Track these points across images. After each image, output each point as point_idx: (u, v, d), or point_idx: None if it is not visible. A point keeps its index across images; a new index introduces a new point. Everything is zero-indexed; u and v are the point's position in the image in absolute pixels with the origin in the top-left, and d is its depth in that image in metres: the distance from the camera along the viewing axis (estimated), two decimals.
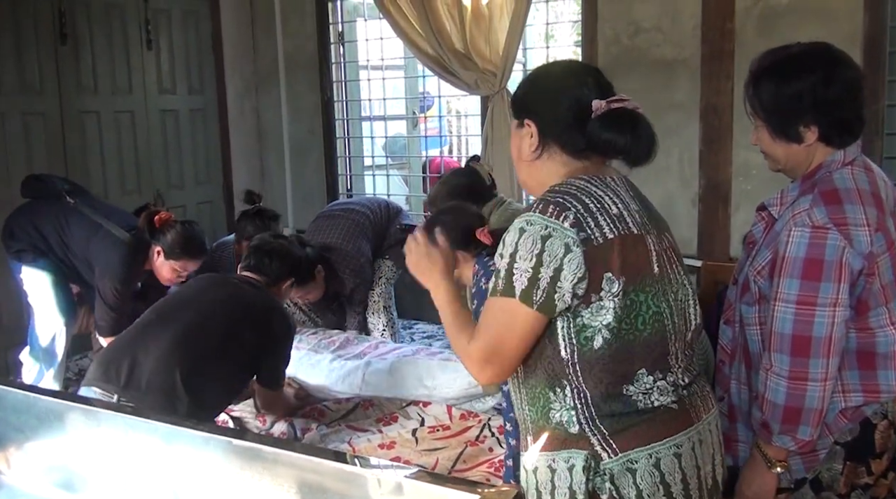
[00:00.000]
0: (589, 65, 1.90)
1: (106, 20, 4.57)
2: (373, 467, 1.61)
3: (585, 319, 1.51)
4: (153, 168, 4.82)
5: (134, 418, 1.91)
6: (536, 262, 1.48)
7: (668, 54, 3.90)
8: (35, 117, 4.25)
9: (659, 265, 1.56)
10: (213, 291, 2.87)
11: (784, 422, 1.72)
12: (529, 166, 1.67)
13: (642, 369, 1.54)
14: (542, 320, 1.52)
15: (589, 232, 1.49)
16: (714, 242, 3.88)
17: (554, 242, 1.48)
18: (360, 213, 4.10)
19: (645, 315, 1.52)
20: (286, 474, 1.62)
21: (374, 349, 3.64)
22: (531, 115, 1.64)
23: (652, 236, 1.58)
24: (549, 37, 5.22)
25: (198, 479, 1.75)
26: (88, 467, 1.95)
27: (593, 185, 1.57)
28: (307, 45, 5.16)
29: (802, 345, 1.69)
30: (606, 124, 1.58)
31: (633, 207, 1.59)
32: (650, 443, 1.54)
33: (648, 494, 1.53)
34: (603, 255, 1.49)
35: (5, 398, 2.20)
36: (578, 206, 1.51)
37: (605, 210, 1.53)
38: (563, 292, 1.48)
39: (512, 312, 1.52)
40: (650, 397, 1.55)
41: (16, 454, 2.08)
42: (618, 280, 1.49)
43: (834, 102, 1.73)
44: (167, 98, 4.94)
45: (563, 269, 1.47)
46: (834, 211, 1.68)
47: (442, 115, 6.14)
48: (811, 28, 3.45)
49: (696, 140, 3.87)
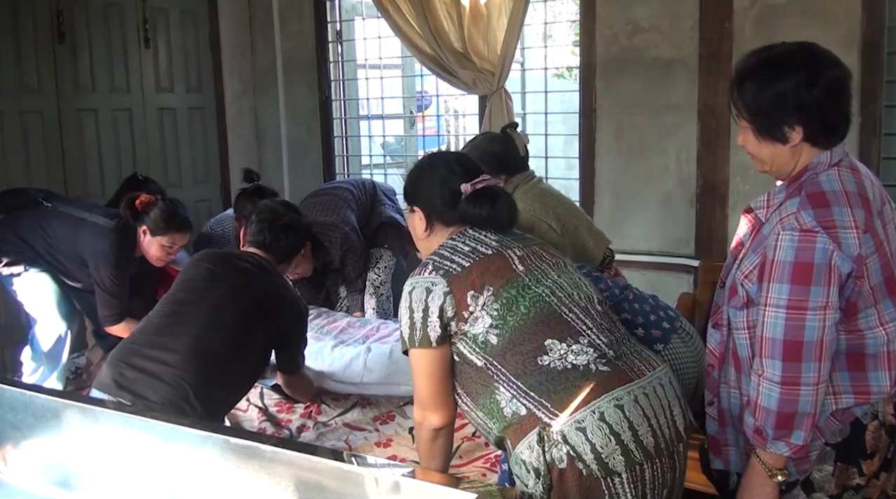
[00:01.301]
0: (456, 153, 2.41)
1: (104, 19, 4.57)
2: (370, 465, 1.61)
3: (470, 331, 1.84)
4: (151, 166, 4.82)
5: (131, 416, 1.91)
6: (409, 312, 1.88)
7: (666, 54, 3.91)
8: (33, 116, 4.25)
9: (524, 264, 1.92)
10: (221, 283, 2.69)
11: (778, 428, 1.72)
12: (424, 242, 2.09)
13: (549, 340, 1.81)
14: (430, 354, 1.87)
15: (447, 267, 1.88)
16: (711, 241, 3.88)
17: (416, 291, 1.88)
18: (343, 189, 4.13)
19: (524, 301, 1.85)
20: (284, 473, 1.62)
21: (377, 332, 3.59)
22: (418, 203, 2.08)
23: (512, 249, 1.95)
24: (548, 36, 5.22)
25: (195, 477, 1.75)
26: (86, 465, 1.95)
27: (452, 239, 1.98)
28: (305, 44, 5.16)
29: (794, 349, 1.68)
30: (472, 202, 1.99)
31: (490, 238, 1.97)
32: (591, 401, 1.73)
33: (601, 445, 1.69)
34: (463, 278, 1.86)
35: (3, 396, 2.20)
36: (435, 257, 1.92)
37: (459, 251, 1.92)
38: (433, 324, 1.85)
39: (413, 359, 1.91)
40: (566, 360, 1.79)
41: (13, 452, 2.08)
42: (481, 293, 1.84)
43: (818, 103, 1.72)
44: (165, 97, 4.94)
45: (428, 307, 1.85)
46: (822, 214, 1.68)
47: (440, 114, 6.13)
48: (809, 28, 3.46)
49: (693, 140, 3.87)
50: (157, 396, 2.45)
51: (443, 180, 2.05)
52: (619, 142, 4.10)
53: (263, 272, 2.79)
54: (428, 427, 1.94)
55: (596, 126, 4.15)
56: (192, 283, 2.73)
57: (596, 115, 4.15)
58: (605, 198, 4.19)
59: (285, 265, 2.95)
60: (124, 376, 2.50)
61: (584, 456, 1.69)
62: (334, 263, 3.91)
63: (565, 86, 6.25)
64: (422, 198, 2.08)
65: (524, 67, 5.04)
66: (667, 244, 4.02)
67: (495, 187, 2.04)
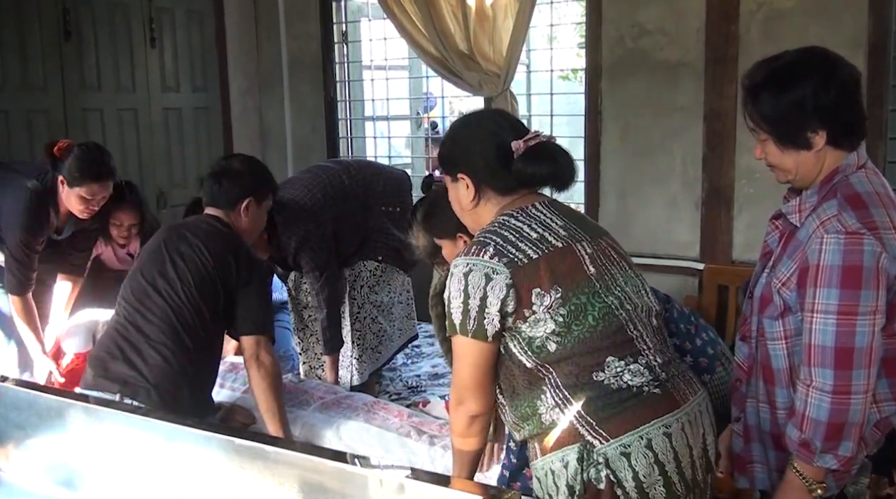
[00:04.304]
0: (498, 109, 2.04)
1: (110, 18, 4.57)
2: (375, 467, 1.60)
3: (528, 332, 1.67)
4: (156, 166, 4.82)
5: (135, 416, 1.91)
6: (463, 296, 1.67)
7: (671, 57, 3.90)
8: (38, 115, 4.25)
9: (595, 266, 1.72)
10: (176, 261, 2.64)
11: (827, 440, 1.65)
12: (471, 214, 1.84)
13: (610, 357, 1.67)
14: (482, 346, 1.69)
15: (512, 255, 1.66)
16: (716, 245, 3.87)
17: (474, 276, 1.66)
18: (334, 170, 3.60)
19: (593, 312, 1.67)
20: (287, 474, 1.62)
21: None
22: (462, 168, 1.80)
23: (582, 244, 1.73)
24: (553, 38, 5.22)
25: (199, 478, 1.75)
26: (89, 465, 1.95)
27: (514, 217, 1.74)
28: (311, 44, 5.16)
29: (846, 357, 1.62)
30: (529, 160, 1.74)
31: (557, 224, 1.74)
32: (639, 426, 1.63)
33: (645, 474, 1.60)
34: (529, 272, 1.65)
35: (6, 395, 2.20)
36: (497, 239, 1.69)
37: (525, 237, 1.69)
38: (491, 317, 1.66)
39: (460, 346, 1.72)
40: (622, 379, 1.66)
41: (16, 452, 2.08)
42: (548, 293, 1.65)
43: (836, 104, 1.70)
44: (170, 96, 4.94)
45: (487, 296, 1.65)
46: (863, 215, 1.64)
47: (445, 115, 6.13)
48: (815, 32, 3.45)
49: (699, 143, 3.87)
50: (145, 395, 2.51)
51: (489, 137, 1.79)
52: (625, 144, 4.09)
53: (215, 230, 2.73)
54: (465, 413, 1.78)
55: (601, 128, 4.14)
56: (143, 271, 2.70)
57: (601, 117, 4.14)
58: (610, 200, 4.18)
59: (236, 215, 2.78)
60: (109, 374, 2.56)
61: (624, 483, 1.61)
62: (287, 249, 3.36)
63: (571, 88, 6.26)
64: (465, 162, 1.81)
65: (530, 69, 5.04)
66: (672, 247, 4.01)
67: (550, 142, 1.80)
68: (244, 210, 2.78)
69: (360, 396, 3.17)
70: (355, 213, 3.51)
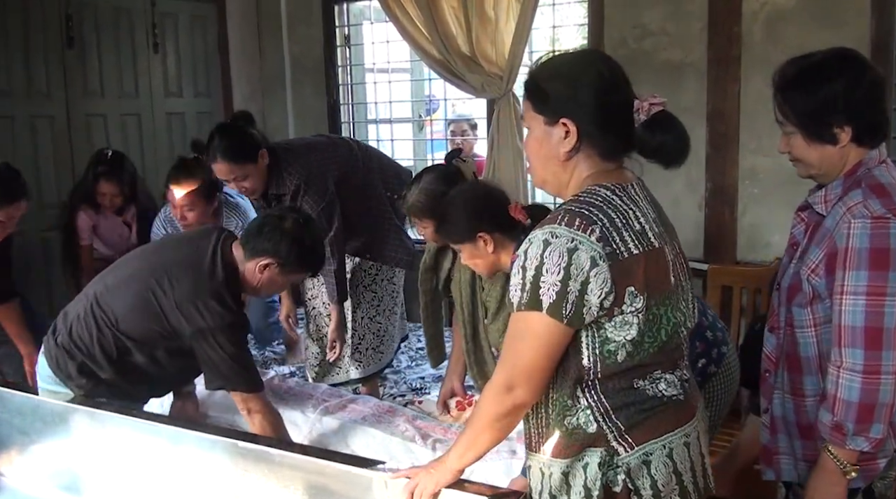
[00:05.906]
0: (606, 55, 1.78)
1: (113, 24, 4.59)
2: (378, 469, 1.60)
3: (609, 332, 1.49)
4: (159, 171, 4.82)
5: (139, 420, 1.91)
6: (564, 275, 1.43)
7: (674, 57, 3.90)
8: (42, 120, 4.27)
9: (674, 276, 1.57)
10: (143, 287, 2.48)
11: (859, 421, 1.69)
12: (558, 166, 1.57)
13: (657, 370, 1.57)
14: (569, 334, 1.49)
15: (615, 246, 1.45)
16: (720, 245, 3.86)
17: (580, 256, 1.43)
18: (344, 139, 3.76)
19: (667, 327, 1.54)
20: (292, 477, 1.62)
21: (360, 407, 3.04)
22: (570, 114, 1.53)
23: (668, 247, 1.58)
24: (556, 40, 5.21)
25: (204, 481, 1.75)
26: (93, 469, 1.95)
27: (617, 196, 1.52)
28: (313, 48, 5.17)
29: (875, 336, 1.66)
30: (655, 127, 1.55)
31: (652, 217, 1.57)
32: (663, 434, 1.56)
33: (663, 484, 1.55)
34: (628, 269, 1.46)
35: (10, 401, 2.21)
36: (604, 219, 1.47)
37: (630, 226, 1.49)
38: (590, 306, 1.45)
39: (539, 326, 1.47)
40: (657, 387, 1.56)
41: (20, 457, 2.08)
42: (641, 295, 1.48)
43: (864, 103, 1.76)
44: (173, 101, 4.96)
45: (589, 282, 1.44)
46: (887, 202, 1.70)
47: (447, 118, 6.12)
48: (818, 32, 3.45)
49: (702, 143, 3.86)
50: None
51: (607, 88, 1.56)
52: None
53: (201, 276, 2.49)
54: (512, 401, 1.53)
55: None
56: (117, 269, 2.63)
57: None
58: None
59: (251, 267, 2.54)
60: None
61: (641, 491, 1.54)
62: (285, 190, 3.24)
63: None
64: (575, 107, 1.53)
65: None
66: None
67: (666, 110, 1.59)
68: (261, 268, 2.52)
69: (365, 398, 3.17)
70: (360, 177, 3.45)
